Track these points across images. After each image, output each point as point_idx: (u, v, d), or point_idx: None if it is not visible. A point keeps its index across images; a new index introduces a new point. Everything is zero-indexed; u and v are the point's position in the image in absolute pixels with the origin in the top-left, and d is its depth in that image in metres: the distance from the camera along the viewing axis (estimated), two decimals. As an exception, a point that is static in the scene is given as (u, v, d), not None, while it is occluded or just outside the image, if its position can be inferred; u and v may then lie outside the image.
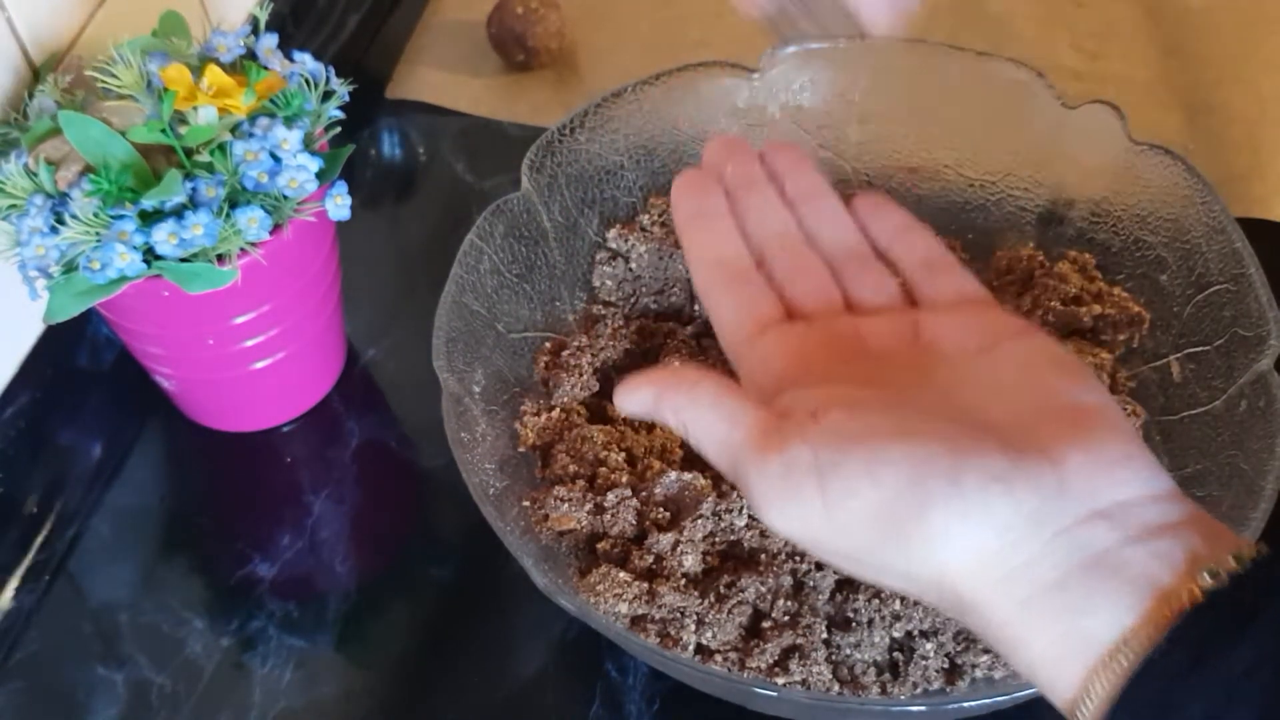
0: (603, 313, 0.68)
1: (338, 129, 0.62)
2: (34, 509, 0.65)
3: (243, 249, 0.57)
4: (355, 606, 0.63)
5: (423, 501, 0.68)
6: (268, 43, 0.60)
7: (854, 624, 0.56)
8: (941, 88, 0.69)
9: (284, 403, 0.69)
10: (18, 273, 0.56)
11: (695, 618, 0.56)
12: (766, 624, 0.56)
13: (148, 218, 0.55)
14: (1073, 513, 0.34)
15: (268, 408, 0.69)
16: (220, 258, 0.57)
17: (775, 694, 0.51)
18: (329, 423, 0.70)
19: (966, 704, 0.50)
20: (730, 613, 0.56)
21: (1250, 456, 0.56)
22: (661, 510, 0.59)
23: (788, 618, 0.56)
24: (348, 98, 0.61)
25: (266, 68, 0.59)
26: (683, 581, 0.57)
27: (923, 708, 0.50)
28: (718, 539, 0.58)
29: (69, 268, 0.55)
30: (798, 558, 0.58)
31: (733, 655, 0.56)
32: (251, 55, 0.60)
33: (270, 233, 0.58)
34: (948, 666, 0.56)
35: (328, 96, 0.61)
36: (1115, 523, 0.34)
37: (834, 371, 0.41)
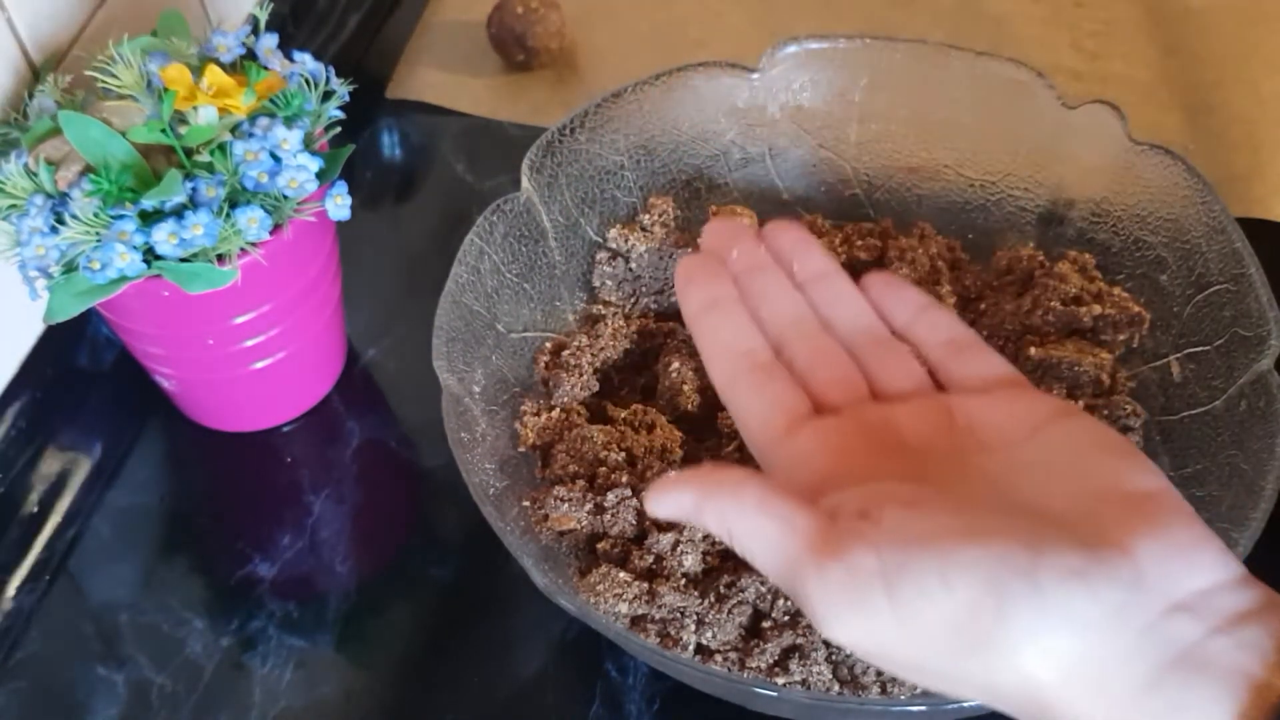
0: (603, 313, 0.68)
1: (338, 129, 0.62)
2: (34, 509, 0.65)
3: (243, 249, 0.57)
4: (355, 606, 0.63)
5: (423, 501, 0.68)
6: (268, 43, 0.60)
7: (854, 624, 0.56)
8: (941, 88, 0.69)
9: (284, 403, 0.69)
10: (18, 273, 0.56)
11: (695, 618, 0.56)
12: (766, 624, 0.56)
13: (148, 218, 0.55)
14: (1154, 606, 0.33)
15: (268, 408, 0.69)
16: (220, 258, 0.57)
17: (775, 694, 0.51)
18: (329, 423, 0.70)
19: (966, 704, 0.49)
20: (730, 613, 0.56)
21: (1250, 456, 0.56)
22: (661, 510, 0.59)
23: (788, 617, 0.56)
24: (348, 98, 0.61)
25: (266, 68, 0.59)
26: (683, 581, 0.57)
27: (923, 707, 0.50)
28: (718, 539, 0.58)
29: (69, 268, 0.55)
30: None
31: (733, 655, 0.56)
32: (251, 55, 0.60)
33: (270, 233, 0.58)
34: (948, 666, 0.56)
35: (328, 96, 0.61)
36: (1196, 614, 0.33)
37: (876, 467, 0.39)
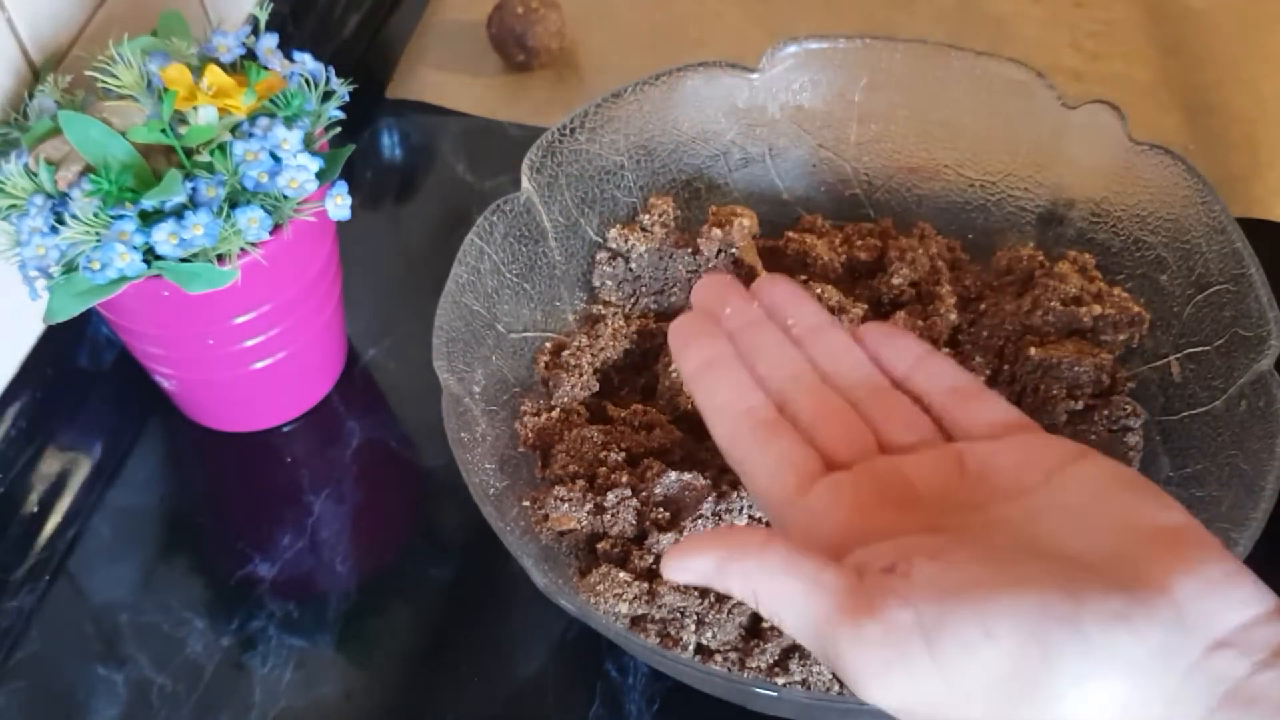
0: (603, 313, 0.68)
1: (338, 129, 0.62)
2: (34, 509, 0.65)
3: (243, 249, 0.57)
4: (355, 606, 0.63)
5: (423, 501, 0.68)
6: (268, 43, 0.60)
7: (854, 624, 0.56)
8: (941, 88, 0.69)
9: (284, 403, 0.69)
10: (18, 273, 0.56)
11: (695, 618, 0.56)
12: (766, 624, 0.56)
13: (148, 218, 0.55)
14: (1197, 645, 0.32)
15: (268, 408, 0.69)
16: (220, 258, 0.57)
17: (775, 694, 0.51)
18: (329, 423, 0.70)
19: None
20: (730, 613, 0.56)
21: (1250, 456, 0.56)
22: (661, 510, 0.59)
23: (788, 618, 0.56)
24: (348, 98, 0.61)
25: (266, 68, 0.59)
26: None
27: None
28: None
29: (69, 268, 0.55)
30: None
31: (733, 655, 0.56)
32: (251, 55, 0.60)
33: (270, 233, 0.58)
34: (948, 666, 0.56)
35: (328, 96, 0.61)
36: (1239, 650, 0.32)
37: (895, 520, 0.38)
